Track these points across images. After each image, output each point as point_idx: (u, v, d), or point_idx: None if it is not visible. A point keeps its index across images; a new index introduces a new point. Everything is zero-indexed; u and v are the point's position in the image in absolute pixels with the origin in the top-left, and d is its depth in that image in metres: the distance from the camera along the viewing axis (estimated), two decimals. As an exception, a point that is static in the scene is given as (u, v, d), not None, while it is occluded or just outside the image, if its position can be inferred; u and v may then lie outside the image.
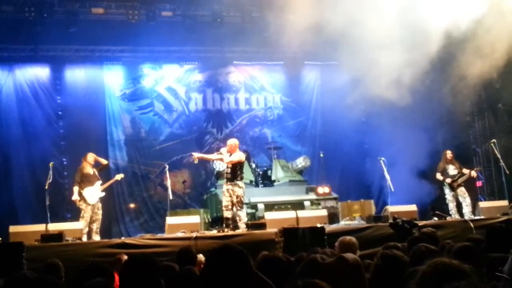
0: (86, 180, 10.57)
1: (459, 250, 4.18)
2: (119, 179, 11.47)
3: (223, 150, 10.26)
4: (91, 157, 10.86)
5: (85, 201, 10.45)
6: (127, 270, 3.26)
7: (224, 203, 10.07)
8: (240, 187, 10.04)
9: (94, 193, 10.56)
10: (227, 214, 9.99)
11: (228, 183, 10.09)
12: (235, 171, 10.08)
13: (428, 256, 2.82)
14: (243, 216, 10.03)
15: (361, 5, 11.99)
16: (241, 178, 10.16)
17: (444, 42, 12.25)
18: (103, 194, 10.78)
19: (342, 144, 15.38)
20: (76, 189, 10.48)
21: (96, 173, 10.90)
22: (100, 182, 10.77)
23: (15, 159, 13.00)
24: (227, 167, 10.17)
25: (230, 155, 10.14)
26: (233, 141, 10.42)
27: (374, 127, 15.41)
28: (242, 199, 10.06)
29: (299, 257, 4.58)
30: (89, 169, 10.75)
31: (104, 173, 12.82)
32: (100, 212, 10.66)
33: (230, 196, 9.99)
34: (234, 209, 9.99)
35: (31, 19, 13.95)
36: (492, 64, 12.42)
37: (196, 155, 10.59)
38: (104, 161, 11.30)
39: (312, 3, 12.16)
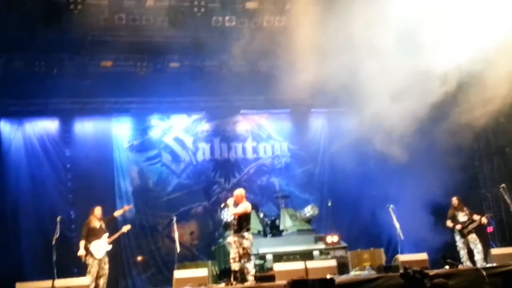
0: (93, 234, 10.56)
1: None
2: (125, 231, 11.39)
3: (230, 201, 10.23)
4: (98, 210, 10.88)
5: (91, 255, 10.40)
6: None
7: (232, 255, 9.96)
8: (246, 239, 9.95)
9: (101, 246, 10.53)
10: (235, 266, 9.87)
11: (235, 234, 10.02)
12: (241, 222, 10.01)
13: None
14: (250, 268, 9.90)
15: (366, 54, 12.15)
16: (248, 229, 10.07)
17: (449, 87, 12.33)
18: (110, 247, 10.73)
19: (351, 192, 15.31)
20: (82, 243, 10.45)
21: (103, 226, 10.89)
22: (107, 234, 10.76)
23: (24, 214, 13.03)
24: (234, 218, 10.12)
25: (237, 205, 10.10)
26: (239, 192, 10.36)
27: (382, 174, 15.35)
28: (249, 251, 9.96)
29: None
30: (96, 223, 10.75)
31: (112, 226, 12.84)
32: (107, 267, 10.60)
33: (237, 247, 9.91)
34: (242, 261, 9.89)
35: (41, 74, 14.20)
36: (498, 107, 12.45)
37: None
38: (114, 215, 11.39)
39: (318, 52, 12.33)
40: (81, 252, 10.35)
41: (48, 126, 15.47)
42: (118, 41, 13.91)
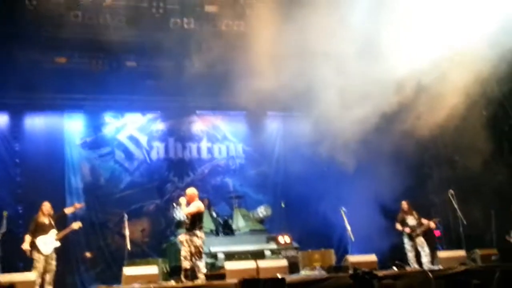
0: (40, 230, 10.36)
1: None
2: (76, 228, 11.12)
3: (182, 200, 10.21)
4: (46, 206, 10.69)
5: (38, 251, 10.18)
6: None
7: (183, 253, 9.93)
8: (199, 237, 9.97)
9: (47, 241, 10.33)
10: (186, 264, 9.85)
11: (187, 233, 10.01)
12: (194, 221, 10.04)
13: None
14: (202, 266, 9.91)
15: (321, 60, 12.33)
16: (200, 228, 10.10)
17: (402, 95, 12.60)
18: (58, 244, 10.53)
19: (304, 194, 15.43)
20: (27, 238, 10.25)
21: (53, 222, 10.69)
22: (55, 231, 10.55)
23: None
24: (186, 217, 10.10)
25: (189, 204, 10.10)
26: (191, 191, 10.40)
27: (335, 177, 15.58)
28: (200, 249, 9.96)
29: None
30: (44, 219, 10.55)
31: (62, 222, 12.58)
32: (54, 263, 10.41)
33: (189, 246, 9.89)
34: (193, 259, 9.87)
35: (-9, 66, 13.84)
36: (449, 116, 12.80)
37: None
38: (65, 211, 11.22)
39: (275, 57, 12.44)
40: (25, 246, 10.13)
41: (-3, 120, 15.06)
42: (73, 38, 13.64)
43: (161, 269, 11.49)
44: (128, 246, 11.15)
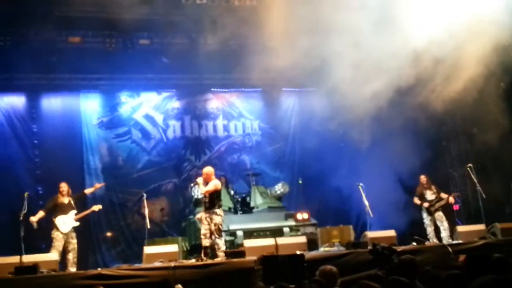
0: (59, 210, 10.50)
1: (447, 279, 4.22)
2: (96, 210, 11.24)
3: (199, 179, 10.26)
4: (64, 187, 10.79)
5: (57, 229, 10.33)
6: None
7: (203, 231, 10.02)
8: (218, 215, 10.03)
9: (66, 221, 10.46)
10: (206, 242, 9.93)
11: (207, 211, 10.06)
12: (213, 199, 10.10)
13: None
14: (221, 244, 9.97)
15: (336, 34, 12.15)
16: (219, 206, 10.17)
17: (418, 66, 12.43)
18: (77, 224, 10.65)
19: (321, 170, 15.39)
20: (40, 213, 10.44)
21: (72, 202, 10.81)
22: (75, 211, 10.67)
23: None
24: (205, 196, 10.15)
25: (206, 183, 10.15)
26: (208, 169, 10.47)
27: (352, 153, 15.50)
28: (220, 227, 10.02)
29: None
30: (63, 199, 10.67)
31: (82, 203, 12.70)
32: (74, 241, 10.53)
33: (209, 224, 9.96)
34: (213, 237, 9.94)
35: (7, 48, 13.85)
36: (466, 88, 12.62)
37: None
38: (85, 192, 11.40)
39: (290, 31, 12.29)
40: (33, 218, 10.25)
41: (15, 101, 15.13)
42: (86, 17, 13.65)
43: (181, 248, 11.58)
44: (148, 225, 11.23)
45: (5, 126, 14.73)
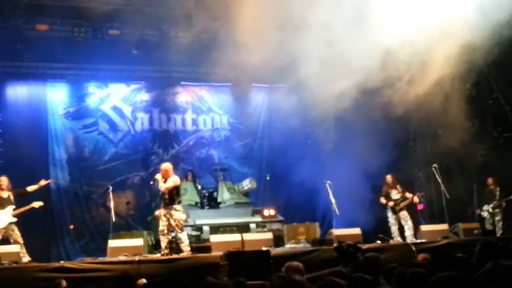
0: None
1: (412, 276, 4.27)
2: (36, 206, 10.63)
3: (158, 176, 10.18)
4: (4, 181, 10.39)
5: None
6: None
7: (160, 228, 10.03)
8: (177, 211, 10.01)
9: (2, 217, 10.05)
10: (163, 239, 9.91)
11: (166, 207, 10.00)
12: (172, 195, 10.07)
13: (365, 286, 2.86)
14: (184, 239, 9.95)
15: (307, 31, 12.18)
16: (179, 202, 10.16)
17: (387, 66, 12.54)
18: (14, 220, 10.21)
19: (288, 167, 15.45)
20: None
21: (12, 197, 10.40)
22: (13, 207, 10.29)
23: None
24: (164, 192, 10.10)
25: (165, 180, 10.07)
26: (166, 165, 10.43)
27: (320, 150, 15.56)
28: (181, 222, 10.00)
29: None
30: (2, 193, 10.27)
31: (43, 194, 12.40)
32: (17, 233, 10.13)
33: (168, 220, 9.93)
34: (173, 233, 9.93)
35: (-28, 34, 13.54)
36: (432, 90, 12.78)
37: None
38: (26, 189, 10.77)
39: (261, 27, 12.26)
40: None
41: (-21, 88, 14.80)
42: (55, 5, 13.43)
43: (146, 242, 11.48)
44: (113, 218, 11.08)
45: (-32, 114, 14.39)
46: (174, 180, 10.14)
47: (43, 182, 10.93)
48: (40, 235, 13.78)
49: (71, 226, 14.79)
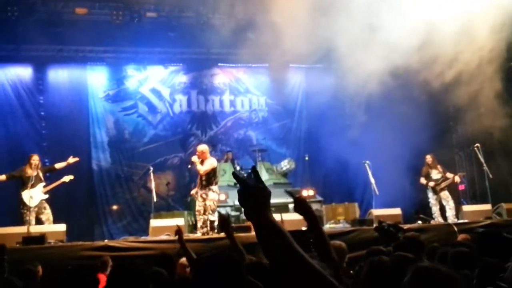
0: (26, 182, 10.20)
1: (455, 255, 4.22)
2: (67, 181, 10.81)
3: (194, 158, 10.38)
4: (34, 159, 10.57)
5: (24, 204, 10.15)
6: (114, 276, 3.22)
7: (197, 208, 10.29)
8: (214, 192, 10.26)
9: (34, 195, 10.23)
10: (199, 218, 10.17)
11: (203, 188, 10.23)
12: (209, 177, 10.29)
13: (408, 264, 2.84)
14: (214, 219, 10.14)
15: (346, 9, 12.03)
16: (216, 183, 10.40)
17: (428, 44, 12.31)
18: (46, 196, 10.46)
19: (327, 147, 15.34)
20: (2, 176, 10.39)
21: (41, 175, 10.61)
22: (43, 184, 10.51)
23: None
24: (201, 175, 10.32)
25: (202, 161, 10.28)
26: (203, 147, 10.63)
27: (358, 130, 15.41)
28: (215, 203, 10.21)
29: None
30: (32, 171, 10.40)
31: (86, 175, 12.65)
32: (48, 211, 10.38)
33: (204, 200, 10.11)
34: (207, 213, 10.12)
35: (14, 19, 13.73)
36: (475, 68, 12.52)
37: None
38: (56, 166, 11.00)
39: (299, 7, 12.16)
40: None
41: (21, 73, 15.10)
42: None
43: (186, 222, 11.62)
44: (154, 199, 11.26)
45: (12, 98, 14.73)
46: (211, 162, 10.34)
47: (71, 160, 11.02)
48: (84, 216, 14.15)
49: (114, 207, 15.10)
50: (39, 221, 10.25)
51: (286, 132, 17.23)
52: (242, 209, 1.99)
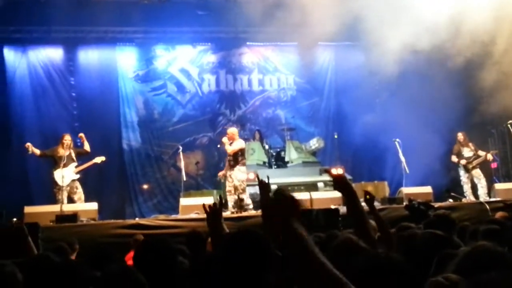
0: (58, 162, 10.34)
1: (486, 233, 4.16)
2: (98, 162, 10.94)
3: (224, 139, 10.74)
4: (67, 139, 10.70)
5: (56, 183, 10.31)
6: (142, 252, 3.26)
7: (228, 188, 10.61)
8: (242, 172, 10.55)
9: (66, 174, 10.36)
10: (230, 198, 10.46)
11: (231, 168, 10.59)
12: (237, 157, 10.60)
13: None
14: (246, 198, 10.40)
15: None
16: (243, 164, 10.69)
17: (458, 22, 12.07)
18: (77, 176, 10.61)
19: (356, 125, 15.22)
20: (37, 150, 10.58)
21: (73, 155, 10.72)
22: (75, 164, 10.63)
23: (29, 140, 12.94)
24: (229, 154, 10.65)
25: (231, 143, 10.62)
26: (232, 130, 10.99)
27: (388, 108, 15.25)
28: (244, 183, 10.47)
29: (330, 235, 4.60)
30: (64, 151, 10.53)
31: (116, 155, 12.77)
32: (80, 190, 10.54)
33: (233, 181, 10.39)
34: (237, 193, 10.34)
35: (43, 1, 13.87)
36: (508, 45, 12.24)
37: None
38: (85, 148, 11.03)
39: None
40: (31, 146, 10.50)
41: (52, 54, 15.30)
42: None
43: (216, 200, 11.69)
44: (184, 178, 11.38)
45: (43, 79, 14.95)
46: (239, 144, 10.70)
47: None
48: (115, 194, 14.37)
49: (144, 186, 15.30)
50: (71, 201, 10.44)
51: (315, 110, 17.13)
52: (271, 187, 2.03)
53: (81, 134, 10.93)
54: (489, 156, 12.42)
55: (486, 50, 12.55)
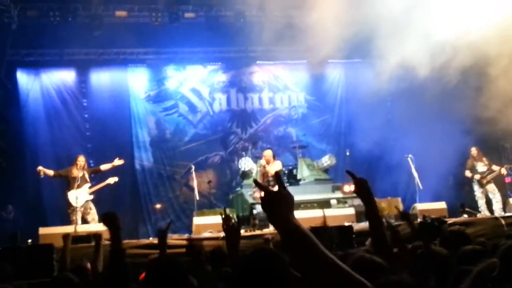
0: (72, 183, 10.44)
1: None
2: (111, 182, 11.06)
3: (263, 161, 11.01)
4: (81, 161, 10.79)
5: (70, 204, 10.38)
6: (152, 272, 3.27)
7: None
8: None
9: (79, 195, 10.43)
10: None
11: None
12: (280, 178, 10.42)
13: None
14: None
15: (384, 3, 11.90)
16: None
17: (469, 38, 12.07)
18: (91, 197, 10.68)
19: (368, 142, 15.18)
20: (50, 172, 10.65)
21: (86, 176, 10.82)
22: (89, 185, 10.72)
23: (43, 162, 13.02)
24: (271, 176, 10.88)
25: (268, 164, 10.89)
26: (267, 153, 11.17)
27: (400, 124, 15.22)
28: None
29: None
30: (77, 172, 10.63)
31: (129, 175, 12.79)
32: (93, 211, 10.58)
33: None
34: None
35: (56, 24, 14.06)
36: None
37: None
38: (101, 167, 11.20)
39: (336, 2, 12.10)
40: (43, 168, 10.54)
41: (65, 76, 15.51)
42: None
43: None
44: (197, 197, 11.38)
45: (56, 101, 15.15)
46: (278, 165, 11.08)
47: (116, 162, 11.20)
48: (129, 214, 14.40)
49: (157, 205, 15.33)
50: (85, 221, 10.48)
51: (326, 127, 17.16)
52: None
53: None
54: (503, 171, 12.34)
55: (499, 66, 12.51)
